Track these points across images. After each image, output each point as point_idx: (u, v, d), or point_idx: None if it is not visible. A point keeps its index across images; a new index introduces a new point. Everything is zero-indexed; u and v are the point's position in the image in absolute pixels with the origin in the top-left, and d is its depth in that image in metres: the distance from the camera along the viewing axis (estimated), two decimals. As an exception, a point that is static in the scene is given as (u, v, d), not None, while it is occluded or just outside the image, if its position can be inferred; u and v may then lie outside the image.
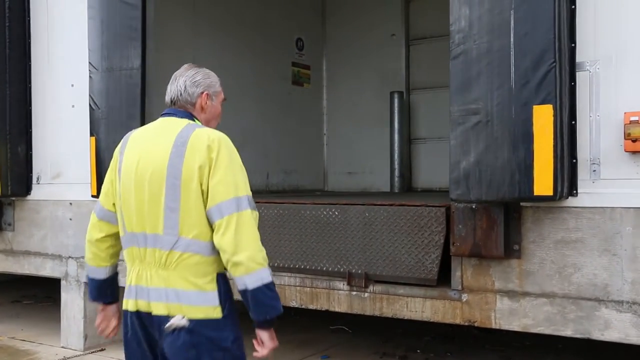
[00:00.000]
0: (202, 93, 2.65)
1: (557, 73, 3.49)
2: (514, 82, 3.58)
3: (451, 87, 3.81)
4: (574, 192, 3.68)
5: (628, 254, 3.58)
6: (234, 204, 2.42)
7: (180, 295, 2.47)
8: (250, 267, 2.40)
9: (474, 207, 3.91)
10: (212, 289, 2.49)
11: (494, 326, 3.97)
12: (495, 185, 3.64)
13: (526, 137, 3.53)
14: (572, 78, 3.66)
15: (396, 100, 8.52)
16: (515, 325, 3.90)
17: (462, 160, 3.73)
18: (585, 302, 3.69)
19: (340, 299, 4.46)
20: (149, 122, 5.22)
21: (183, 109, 2.65)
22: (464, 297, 4.06)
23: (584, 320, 3.70)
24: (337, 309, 4.54)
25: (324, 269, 4.60)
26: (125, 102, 5.25)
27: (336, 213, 4.60)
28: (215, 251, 2.48)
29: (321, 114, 9.49)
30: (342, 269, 4.51)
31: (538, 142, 3.50)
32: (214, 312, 2.49)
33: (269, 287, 2.43)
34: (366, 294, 4.45)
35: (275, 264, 4.72)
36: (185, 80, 2.66)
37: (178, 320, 2.47)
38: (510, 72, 3.59)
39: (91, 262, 2.75)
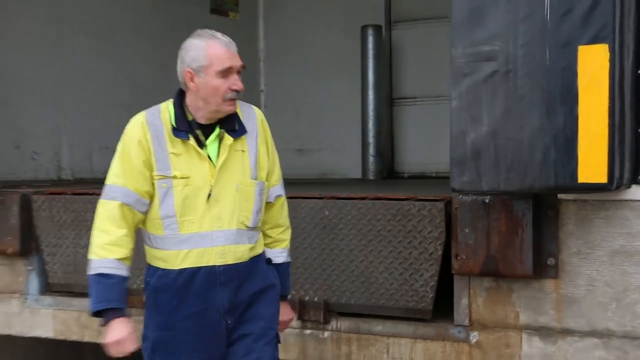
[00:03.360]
0: (185, 71, 3.44)
1: (616, -5, 3.48)
2: (550, 11, 3.57)
3: (453, 19, 3.80)
4: (640, 178, 3.71)
5: None
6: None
7: None
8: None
9: (487, 201, 3.93)
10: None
11: (518, 380, 4.00)
12: (520, 168, 3.65)
13: (567, 95, 3.53)
14: (640, 2, 3.66)
15: (371, 39, 8.49)
16: (550, 379, 3.93)
17: (470, 130, 3.74)
18: (658, 345, 3.73)
19: (287, 340, 4.44)
20: None
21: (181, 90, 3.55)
22: (474, 336, 4.09)
23: (656, 372, 3.74)
24: (282, 356, 4.47)
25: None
26: None
27: (279, 211, 4.56)
28: (143, 238, 3.59)
29: (257, 60, 9.41)
30: (289, 296, 4.45)
31: (585, 103, 3.50)
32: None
33: (90, 280, 3.44)
34: (326, 333, 4.47)
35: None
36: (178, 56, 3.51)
37: None
38: (543, -5, 3.59)
39: None
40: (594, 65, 3.48)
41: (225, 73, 3.43)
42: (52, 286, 5.34)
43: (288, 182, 6.83)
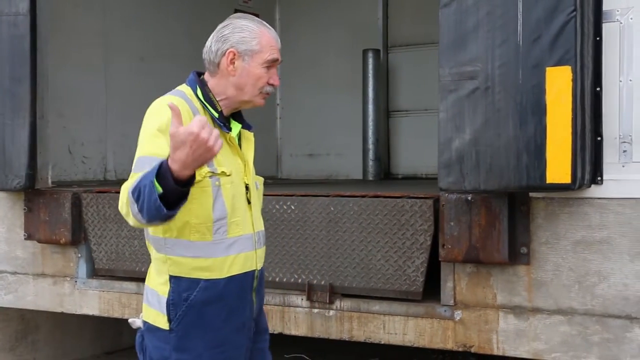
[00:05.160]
0: (227, 51, 2.75)
1: (577, 25, 3.49)
2: (522, 37, 3.59)
3: (441, 44, 3.82)
4: (599, 179, 3.70)
5: (666, 258, 3.62)
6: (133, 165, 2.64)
7: (145, 291, 2.82)
8: (121, 209, 2.60)
9: (469, 198, 3.93)
10: (164, 293, 2.73)
11: (495, 352, 3.98)
12: (497, 170, 3.66)
13: (537, 109, 3.55)
14: (597, 31, 3.66)
15: (370, 61, 8.48)
16: (523, 351, 3.91)
17: (455, 138, 3.75)
18: (614, 321, 3.71)
19: (297, 318, 4.46)
20: (41, 85, 5.30)
21: (203, 73, 2.84)
22: (458, 314, 4.07)
23: (612, 344, 3.72)
24: (293, 332, 4.52)
25: (277, 279, 4.57)
26: (9, 60, 5.16)
27: (292, 207, 4.56)
28: (166, 248, 2.70)
29: (274, 78, 9.36)
30: (299, 280, 4.50)
31: (552, 115, 3.52)
32: (161, 320, 2.73)
33: (133, 191, 2.50)
34: (331, 312, 4.44)
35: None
36: (214, 34, 2.82)
37: (134, 319, 2.85)
38: (517, 24, 3.60)
39: None
40: (559, 83, 3.51)
41: (270, 64, 2.78)
42: (98, 271, 5.34)
43: (300, 183, 6.88)
